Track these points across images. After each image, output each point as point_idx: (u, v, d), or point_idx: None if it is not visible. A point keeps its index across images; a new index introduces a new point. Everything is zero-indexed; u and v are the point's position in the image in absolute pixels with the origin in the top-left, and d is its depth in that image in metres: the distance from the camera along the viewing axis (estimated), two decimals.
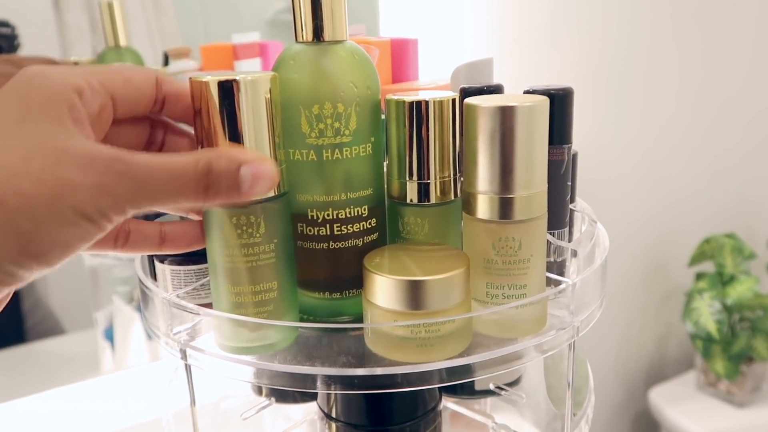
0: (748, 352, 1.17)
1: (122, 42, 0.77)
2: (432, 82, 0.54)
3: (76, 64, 0.76)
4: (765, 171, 1.39)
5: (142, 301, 0.40)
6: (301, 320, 0.38)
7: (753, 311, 1.18)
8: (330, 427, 0.42)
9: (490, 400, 0.52)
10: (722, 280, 1.21)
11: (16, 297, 0.77)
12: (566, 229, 0.43)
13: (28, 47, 0.71)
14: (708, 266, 1.28)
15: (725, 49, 1.24)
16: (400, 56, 0.55)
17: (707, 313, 1.17)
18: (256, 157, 0.29)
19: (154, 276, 0.43)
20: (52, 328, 0.80)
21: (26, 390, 0.70)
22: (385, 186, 0.39)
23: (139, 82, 0.31)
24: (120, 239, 0.32)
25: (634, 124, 1.16)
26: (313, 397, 0.46)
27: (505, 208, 0.35)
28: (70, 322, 0.81)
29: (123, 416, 0.67)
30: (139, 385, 0.73)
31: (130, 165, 0.26)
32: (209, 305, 0.36)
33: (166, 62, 0.80)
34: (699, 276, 1.25)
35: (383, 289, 0.34)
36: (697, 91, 1.22)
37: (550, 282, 0.39)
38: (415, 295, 0.33)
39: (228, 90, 0.32)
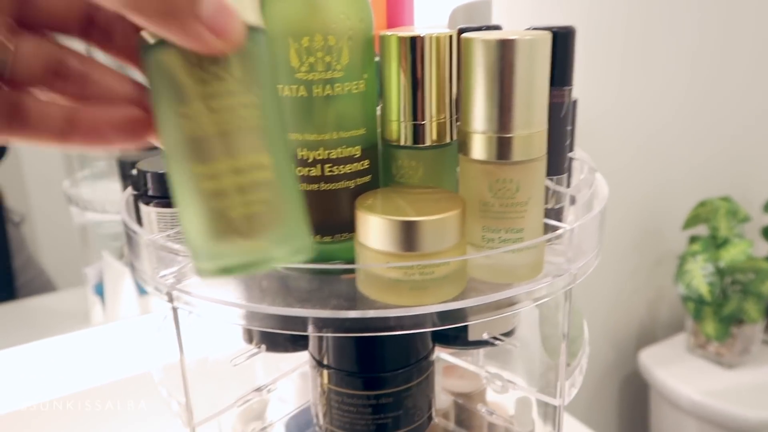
0: (738, 315, 1.17)
1: None
2: (429, 27, 0.52)
3: None
4: (761, 134, 1.38)
5: (127, 246, 0.39)
6: None
7: (745, 274, 1.18)
8: (322, 375, 0.41)
9: (483, 353, 0.52)
10: (716, 243, 1.21)
11: (7, 255, 0.76)
12: (565, 177, 0.41)
13: None
14: (702, 230, 1.27)
15: (725, 11, 1.21)
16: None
17: (700, 275, 1.17)
18: None
19: (139, 222, 0.42)
20: (43, 286, 0.79)
21: (16, 343, 0.69)
22: (379, 129, 0.38)
23: None
24: (12, 118, 0.24)
25: (631, 84, 1.14)
26: (304, 346, 0.46)
27: (502, 148, 0.33)
28: (62, 280, 0.81)
29: (112, 367, 0.67)
30: (128, 337, 0.73)
31: None
32: None
33: None
34: (692, 239, 1.25)
35: (376, 231, 0.32)
36: (696, 51, 1.20)
37: (547, 228, 0.38)
38: (408, 236, 0.32)
39: None
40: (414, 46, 0.35)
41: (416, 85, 0.36)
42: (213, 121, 0.23)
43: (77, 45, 0.26)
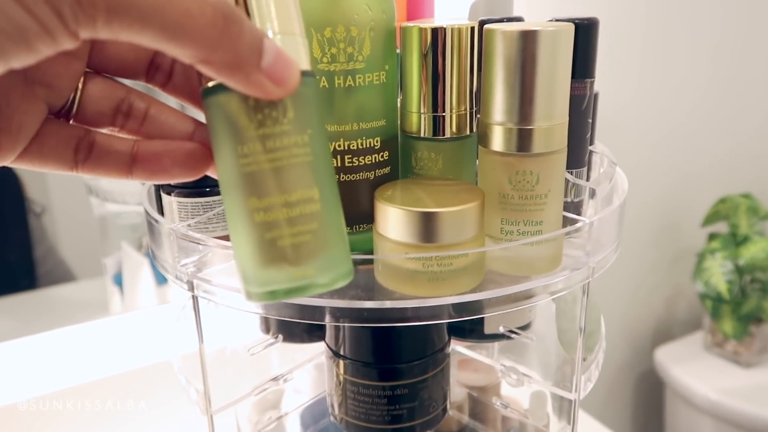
0: (757, 313, 1.16)
1: None
2: (450, 19, 0.52)
3: None
4: None
5: (149, 235, 0.39)
6: None
7: (765, 272, 1.17)
8: (338, 365, 0.42)
9: (498, 347, 0.52)
10: (735, 241, 1.19)
11: (28, 245, 0.77)
12: (585, 170, 0.41)
13: None
14: (721, 227, 1.26)
15: (747, 4, 1.19)
16: None
17: (719, 273, 1.15)
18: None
19: (161, 211, 0.43)
20: (63, 276, 0.80)
21: (36, 331, 0.71)
22: (399, 121, 0.38)
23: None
24: (81, 152, 0.26)
25: (650, 78, 1.12)
26: (320, 336, 0.46)
27: (523, 139, 0.33)
28: (81, 270, 0.82)
29: (131, 355, 0.68)
30: (146, 326, 0.74)
31: None
32: (220, 239, 0.35)
33: None
34: (712, 236, 1.23)
35: (395, 221, 0.33)
36: (716, 45, 1.18)
37: (566, 221, 0.38)
38: (427, 227, 0.32)
39: None
40: (435, 37, 0.35)
41: (437, 76, 0.36)
42: (268, 160, 0.24)
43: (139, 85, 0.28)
